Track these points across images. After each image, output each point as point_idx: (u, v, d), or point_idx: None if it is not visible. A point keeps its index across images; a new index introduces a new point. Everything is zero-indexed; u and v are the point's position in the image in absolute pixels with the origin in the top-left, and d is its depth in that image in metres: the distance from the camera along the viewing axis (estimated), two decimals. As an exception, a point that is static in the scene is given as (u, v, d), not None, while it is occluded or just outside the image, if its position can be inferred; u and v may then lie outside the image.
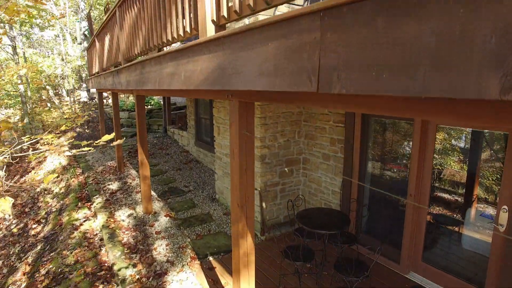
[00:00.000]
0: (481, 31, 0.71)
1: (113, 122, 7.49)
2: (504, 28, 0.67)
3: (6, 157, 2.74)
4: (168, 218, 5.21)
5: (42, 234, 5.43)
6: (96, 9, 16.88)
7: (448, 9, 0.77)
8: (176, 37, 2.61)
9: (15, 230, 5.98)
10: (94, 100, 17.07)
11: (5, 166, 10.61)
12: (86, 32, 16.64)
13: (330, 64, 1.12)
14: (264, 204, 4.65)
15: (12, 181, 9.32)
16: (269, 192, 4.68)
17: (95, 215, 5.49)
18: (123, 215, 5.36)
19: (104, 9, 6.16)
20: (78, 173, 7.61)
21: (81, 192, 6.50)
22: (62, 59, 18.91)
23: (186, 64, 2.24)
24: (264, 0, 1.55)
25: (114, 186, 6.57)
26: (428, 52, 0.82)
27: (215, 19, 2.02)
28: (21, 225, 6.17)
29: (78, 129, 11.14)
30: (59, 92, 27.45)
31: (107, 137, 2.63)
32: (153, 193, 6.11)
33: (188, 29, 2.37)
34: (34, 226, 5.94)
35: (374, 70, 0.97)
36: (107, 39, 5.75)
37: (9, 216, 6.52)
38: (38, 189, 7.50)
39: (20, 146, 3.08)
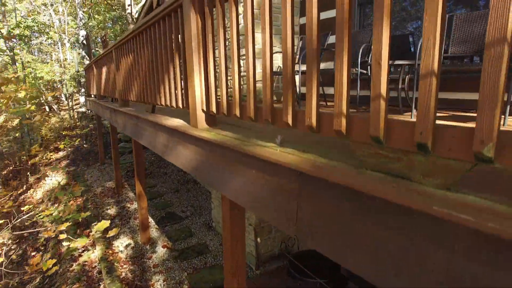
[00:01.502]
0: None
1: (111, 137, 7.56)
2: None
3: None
4: (165, 249, 5.29)
5: (41, 265, 5.51)
6: (96, 19, 16.84)
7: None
8: (169, 105, 2.68)
9: (14, 257, 6.06)
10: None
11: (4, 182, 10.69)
12: (84, 41, 16.66)
13: (306, 220, 1.20)
14: (258, 239, 4.74)
15: (11, 197, 9.39)
16: (264, 228, 4.76)
17: (93, 245, 5.57)
18: (121, 246, 5.44)
19: (101, 39, 6.21)
20: (77, 195, 7.68)
21: (79, 217, 6.58)
22: (61, 66, 18.92)
23: (177, 144, 2.31)
24: (249, 117, 1.62)
25: (112, 211, 6.65)
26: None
27: (204, 109, 2.09)
28: (20, 251, 6.26)
29: (76, 143, 11.19)
30: (58, 96, 27.45)
31: (103, 225, 2.70)
32: (150, 219, 6.19)
33: (180, 104, 2.44)
34: (33, 253, 6.02)
35: (345, 248, 1.05)
36: (104, 70, 5.80)
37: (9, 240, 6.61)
38: (36, 211, 7.57)
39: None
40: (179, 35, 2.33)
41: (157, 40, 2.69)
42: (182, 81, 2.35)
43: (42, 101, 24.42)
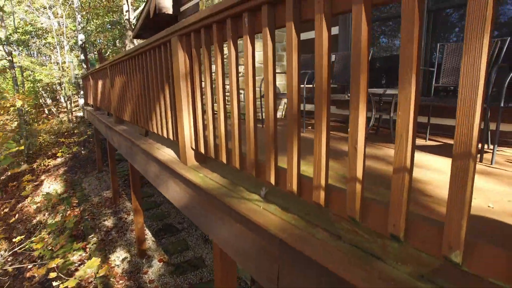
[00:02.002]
0: None
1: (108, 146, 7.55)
2: None
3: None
4: (161, 263, 5.30)
5: (37, 278, 5.53)
6: (94, 23, 16.83)
7: None
8: (160, 134, 2.69)
9: (10, 269, 6.07)
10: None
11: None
12: (85, 44, 16.65)
13: (286, 284, 1.20)
14: None
15: (8, 204, 9.40)
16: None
17: (90, 258, 5.58)
18: (117, 259, 5.45)
19: (98, 52, 6.20)
20: (74, 204, 7.69)
21: (77, 228, 6.59)
22: (59, 69, 18.92)
23: (168, 178, 2.32)
24: (235, 167, 1.63)
25: (109, 222, 6.65)
26: None
27: (193, 148, 2.09)
28: (16, 263, 6.26)
29: (74, 149, 11.19)
30: (57, 98, 27.48)
31: (93, 263, 2.71)
32: (147, 231, 6.20)
33: (170, 136, 2.45)
34: (29, 266, 6.03)
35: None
36: (100, 83, 5.80)
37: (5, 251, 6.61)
38: (34, 221, 7.58)
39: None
40: (170, 67, 2.33)
41: (149, 67, 2.70)
42: (172, 115, 2.35)
43: (42, 102, 24.45)
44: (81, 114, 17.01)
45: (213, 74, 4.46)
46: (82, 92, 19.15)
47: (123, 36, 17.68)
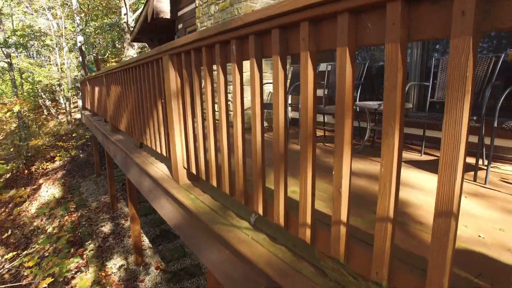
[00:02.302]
0: None
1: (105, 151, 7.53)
2: None
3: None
4: (158, 271, 5.29)
5: (33, 286, 5.51)
6: (93, 25, 16.80)
7: None
8: (153, 148, 2.67)
9: (7, 276, 6.06)
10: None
11: None
12: (82, 47, 16.65)
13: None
14: None
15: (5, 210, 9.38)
16: None
17: (87, 265, 5.57)
18: (114, 267, 5.44)
19: (94, 58, 6.18)
20: (72, 209, 7.68)
21: (74, 234, 6.58)
22: (58, 70, 18.91)
23: (161, 195, 2.30)
24: (224, 192, 1.61)
25: (107, 228, 6.64)
26: None
27: (185, 167, 2.08)
28: (13, 270, 6.25)
29: (73, 153, 11.17)
30: (56, 98, 27.45)
31: (84, 284, 2.69)
32: (144, 238, 6.19)
33: (164, 152, 2.43)
34: (25, 274, 6.01)
35: None
36: (96, 90, 5.79)
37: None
38: (31, 227, 7.57)
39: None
40: (162, 83, 2.31)
41: (143, 81, 2.68)
42: (165, 132, 2.34)
43: (41, 103, 24.45)
44: (79, 116, 16.97)
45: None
46: (81, 94, 19.16)
47: (122, 38, 17.66)
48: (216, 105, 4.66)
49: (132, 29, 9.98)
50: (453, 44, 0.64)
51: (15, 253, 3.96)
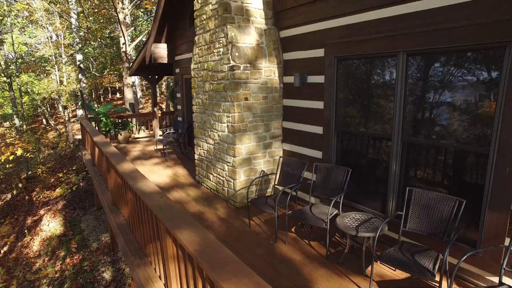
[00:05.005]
0: None
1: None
2: None
3: None
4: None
5: None
6: (91, 45, 16.95)
7: None
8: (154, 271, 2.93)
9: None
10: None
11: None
12: (81, 65, 16.82)
13: None
14: None
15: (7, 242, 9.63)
16: None
17: (89, 318, 5.84)
18: (115, 322, 5.71)
19: (82, 100, 6.39)
20: (73, 249, 7.94)
21: (76, 281, 6.85)
22: (57, 82, 19.05)
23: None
24: None
25: (108, 274, 6.91)
26: None
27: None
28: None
29: (74, 187, 11.35)
30: (56, 106, 27.60)
31: None
32: (144, 287, 6.45)
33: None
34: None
35: None
36: (96, 149, 6.01)
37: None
38: (34, 268, 7.83)
39: None
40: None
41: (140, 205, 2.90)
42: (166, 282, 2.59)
43: (40, 113, 24.63)
44: (79, 137, 17.19)
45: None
46: (80, 103, 19.29)
47: (119, 57, 17.82)
48: None
49: (131, 64, 10.20)
50: None
51: None
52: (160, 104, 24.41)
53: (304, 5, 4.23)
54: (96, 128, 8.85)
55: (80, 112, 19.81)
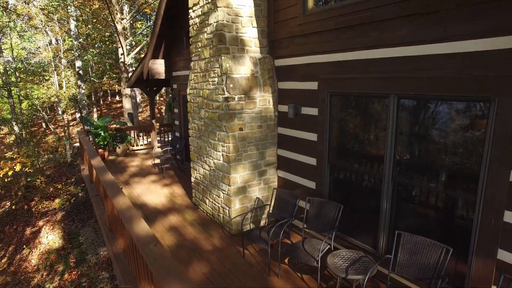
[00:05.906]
0: None
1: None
2: None
3: None
4: None
5: None
6: (90, 54, 16.99)
7: None
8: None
9: None
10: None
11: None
12: (80, 72, 16.86)
13: None
14: None
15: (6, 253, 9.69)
16: None
17: (86, 338, 5.90)
18: None
19: (79, 118, 6.42)
20: (72, 264, 8.00)
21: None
22: (56, 87, 19.06)
23: None
24: None
25: (105, 292, 6.97)
26: None
27: None
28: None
29: (72, 200, 11.39)
30: (55, 108, 27.62)
31: None
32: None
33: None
34: None
35: None
36: (94, 172, 6.07)
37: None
38: (32, 284, 7.89)
39: None
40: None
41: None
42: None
43: (40, 116, 24.65)
44: (78, 144, 17.21)
45: None
46: (79, 107, 19.32)
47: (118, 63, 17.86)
48: None
49: (130, 76, 10.24)
50: None
51: None
52: (159, 107, 24.47)
53: (299, 37, 4.27)
54: (92, 143, 8.88)
55: (79, 115, 19.84)
